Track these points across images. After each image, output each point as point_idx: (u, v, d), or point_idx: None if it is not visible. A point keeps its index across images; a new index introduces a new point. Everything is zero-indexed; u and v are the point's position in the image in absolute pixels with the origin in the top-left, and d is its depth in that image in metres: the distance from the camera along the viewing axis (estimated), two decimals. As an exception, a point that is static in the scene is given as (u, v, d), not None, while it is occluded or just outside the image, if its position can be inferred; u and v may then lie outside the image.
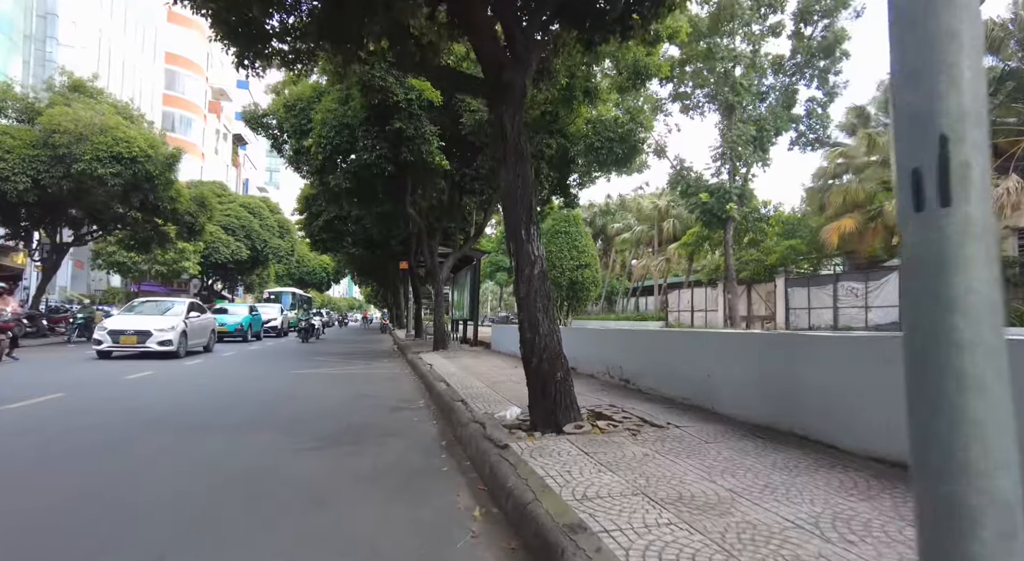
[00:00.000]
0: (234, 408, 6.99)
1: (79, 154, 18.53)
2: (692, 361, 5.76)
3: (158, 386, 9.02)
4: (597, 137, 14.12)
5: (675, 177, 21.71)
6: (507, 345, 13.65)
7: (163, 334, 12.61)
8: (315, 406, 7.27)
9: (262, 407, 7.12)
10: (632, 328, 13.81)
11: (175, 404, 7.25)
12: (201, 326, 14.80)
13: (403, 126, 13.03)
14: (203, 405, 7.19)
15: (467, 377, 8.85)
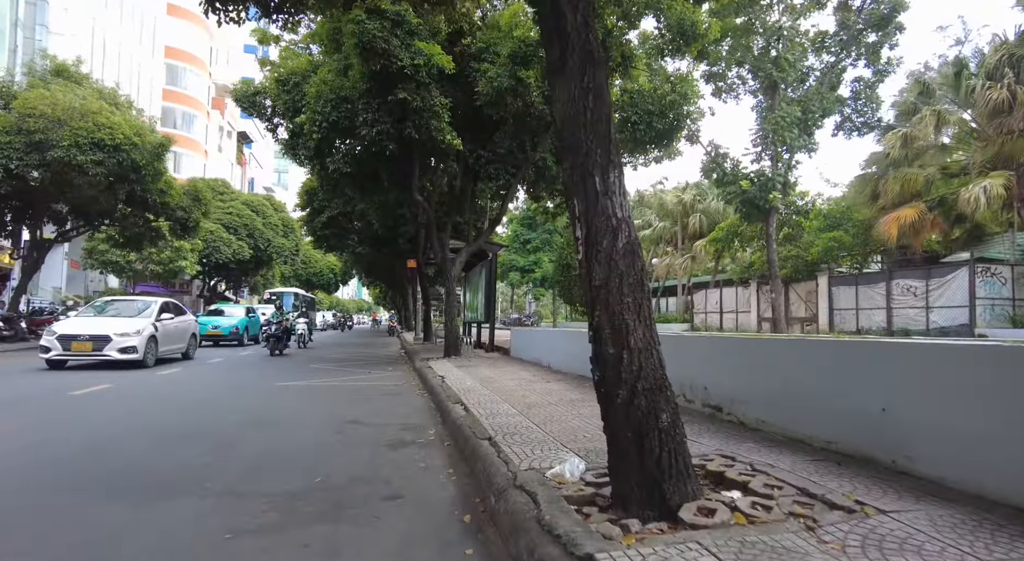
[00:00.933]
0: (176, 445, 5.13)
1: (56, 140, 16.86)
2: (847, 384, 3.80)
3: (101, 407, 7.19)
4: (634, 110, 12.18)
5: (709, 164, 19.72)
6: (530, 351, 11.73)
7: (125, 339, 10.75)
8: (286, 441, 5.40)
9: (215, 443, 5.25)
10: (726, 336, 11.84)
11: (101, 437, 5.41)
12: (177, 330, 12.90)
13: (408, 97, 11.18)
14: (137, 441, 5.33)
15: (490, 396, 6.94)
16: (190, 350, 13.86)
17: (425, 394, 8.48)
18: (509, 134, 13.31)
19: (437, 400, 7.25)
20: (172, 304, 13.34)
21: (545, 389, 7.45)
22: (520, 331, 13.49)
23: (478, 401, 6.46)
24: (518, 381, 8.41)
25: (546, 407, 5.98)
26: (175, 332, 12.79)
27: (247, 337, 20.84)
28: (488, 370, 10.14)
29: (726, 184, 19.42)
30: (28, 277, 20.55)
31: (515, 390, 7.40)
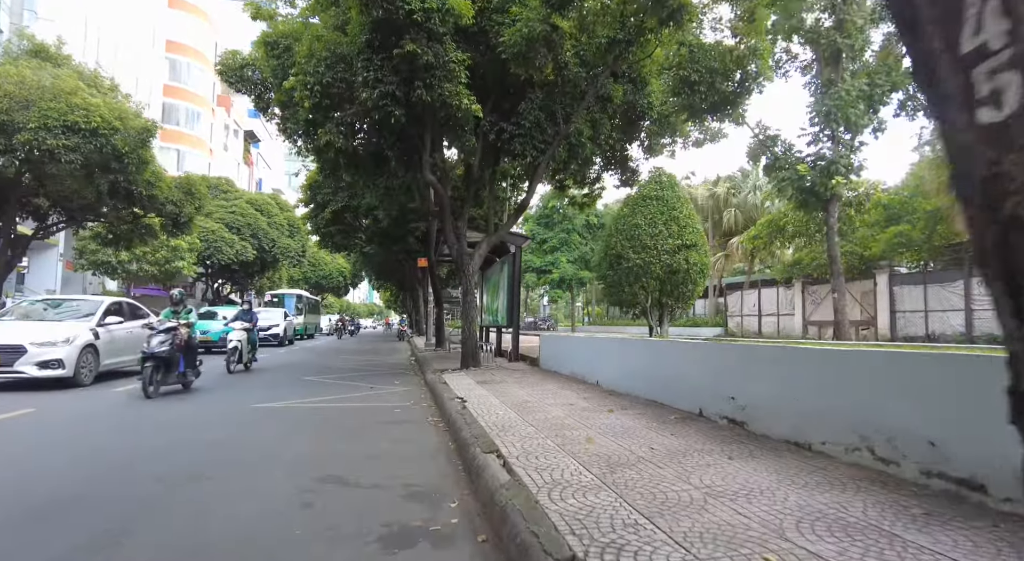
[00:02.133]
0: (42, 524, 3.01)
1: (22, 122, 14.95)
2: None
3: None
4: (695, 67, 9.99)
5: (757, 148, 17.43)
6: (567, 363, 9.53)
7: (46, 351, 8.26)
8: (216, 523, 3.27)
9: (103, 523, 3.15)
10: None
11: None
12: (133, 337, 10.41)
13: (417, 50, 9.07)
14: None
15: (539, 438, 4.77)
16: None
17: (440, 423, 6.32)
18: (537, 103, 11.15)
19: (458, 439, 5.08)
20: (127, 305, 11.02)
21: (613, 426, 5.25)
22: (553, 339, 11.30)
23: (523, 450, 4.27)
24: (566, 408, 6.21)
25: (641, 467, 3.77)
26: (129, 340, 10.24)
27: None
28: (519, 389, 7.95)
29: (778, 170, 17.13)
30: (3, 277, 18.68)
31: (570, 426, 5.20)
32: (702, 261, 9.35)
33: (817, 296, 23.76)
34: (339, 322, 36.51)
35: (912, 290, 19.07)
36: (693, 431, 4.82)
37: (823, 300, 23.32)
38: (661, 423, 5.24)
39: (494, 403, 6.61)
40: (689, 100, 10.30)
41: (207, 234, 32.91)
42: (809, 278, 23.93)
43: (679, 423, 5.20)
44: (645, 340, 7.09)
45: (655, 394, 6.38)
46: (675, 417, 5.48)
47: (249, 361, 12.44)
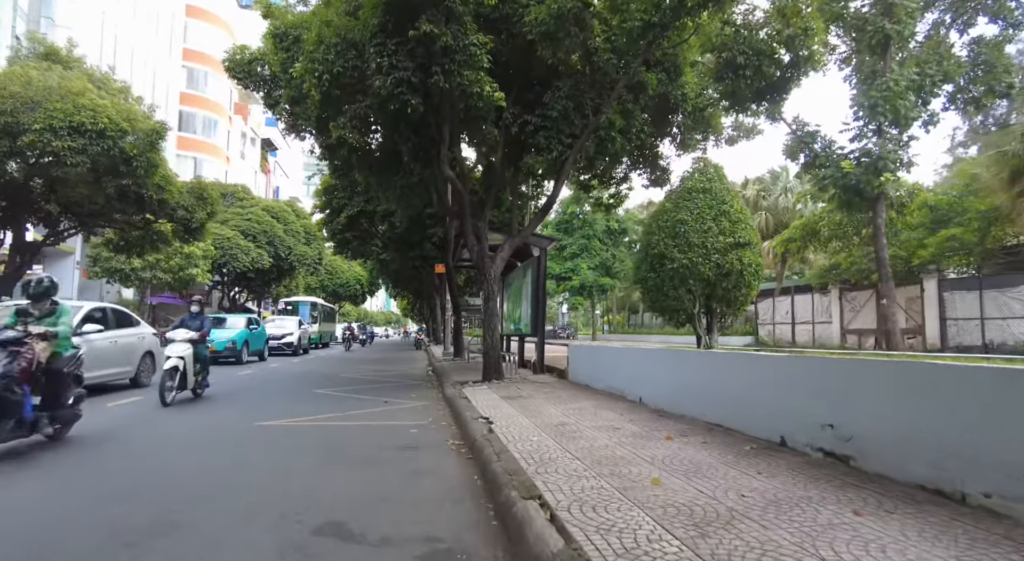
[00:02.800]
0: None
1: (28, 123, 14.42)
2: None
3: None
4: (740, 49, 9.03)
5: (795, 145, 16.34)
6: (601, 377, 8.55)
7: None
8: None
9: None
10: None
11: None
12: (117, 347, 9.42)
13: (434, 30, 8.24)
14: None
15: (588, 476, 3.83)
16: (142, 375, 10.30)
17: (463, 449, 5.39)
18: (565, 92, 10.27)
19: (487, 474, 4.15)
20: (113, 312, 10.02)
21: (678, 459, 4.29)
22: (585, 349, 10.31)
23: (574, 496, 3.33)
24: (612, 433, 5.24)
25: (740, 527, 2.80)
26: (112, 351, 9.28)
27: (247, 353, 17.61)
28: (551, 406, 7.00)
29: (817, 167, 16.02)
30: (10, 284, 18.19)
31: (624, 459, 4.23)
32: (756, 261, 8.33)
33: (856, 303, 22.46)
34: (347, 331, 30.07)
35: (965, 296, 17.76)
36: (784, 468, 3.84)
37: (863, 307, 22.02)
38: (737, 456, 4.26)
39: (525, 425, 5.67)
40: (734, 85, 9.33)
41: (222, 241, 32.47)
42: (847, 284, 22.64)
43: (760, 456, 4.21)
44: (703, 351, 6.11)
45: (717, 416, 5.39)
46: (751, 447, 4.50)
47: (198, 385, 9.09)
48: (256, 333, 18.58)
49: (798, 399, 4.33)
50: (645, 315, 47.11)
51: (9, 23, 23.89)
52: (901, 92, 14.14)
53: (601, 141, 10.91)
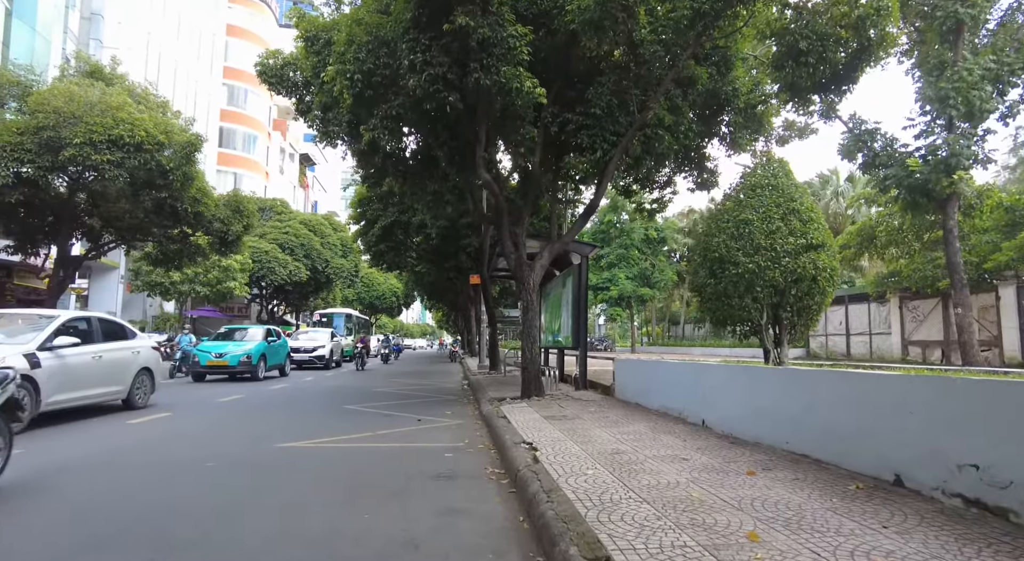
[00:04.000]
0: None
1: (69, 137, 14.53)
2: None
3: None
4: (802, 33, 8.22)
5: (852, 144, 15.23)
6: (654, 394, 7.75)
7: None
8: None
9: None
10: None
11: None
12: (102, 364, 8.15)
13: (470, 23, 7.71)
14: None
15: (659, 521, 3.12)
16: (136, 395, 9.00)
17: (504, 479, 4.71)
18: (609, 87, 9.59)
19: (535, 517, 3.46)
20: (100, 323, 8.66)
21: (771, 502, 3.52)
22: (635, 364, 9.52)
23: (650, 559, 2.60)
24: (680, 465, 4.48)
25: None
26: (95, 368, 8.01)
27: (264, 368, 15.97)
28: (601, 429, 6.25)
29: (876, 167, 14.88)
30: (55, 298, 18.42)
31: (704, 502, 3.47)
32: (832, 265, 7.41)
33: (919, 312, 20.94)
34: (359, 343, 22.29)
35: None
36: (916, 521, 3.03)
37: (928, 317, 20.50)
38: (844, 499, 3.46)
39: (575, 453, 4.95)
40: (794, 74, 8.47)
41: (260, 254, 32.78)
42: (907, 292, 21.15)
43: (875, 501, 3.40)
44: (783, 368, 5.29)
45: (803, 445, 4.57)
46: (857, 487, 3.68)
47: None
48: (275, 346, 17.25)
49: (918, 428, 3.51)
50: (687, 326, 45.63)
51: (60, 44, 24.62)
52: (975, 82, 12.97)
53: (647, 139, 10.19)
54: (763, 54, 11.17)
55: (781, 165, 8.22)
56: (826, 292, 7.38)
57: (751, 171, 8.29)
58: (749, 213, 7.43)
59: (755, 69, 11.40)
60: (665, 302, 49.62)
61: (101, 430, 7.23)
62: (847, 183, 33.95)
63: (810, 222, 7.39)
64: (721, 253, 7.41)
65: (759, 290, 7.11)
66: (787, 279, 7.04)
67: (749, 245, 7.18)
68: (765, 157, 8.56)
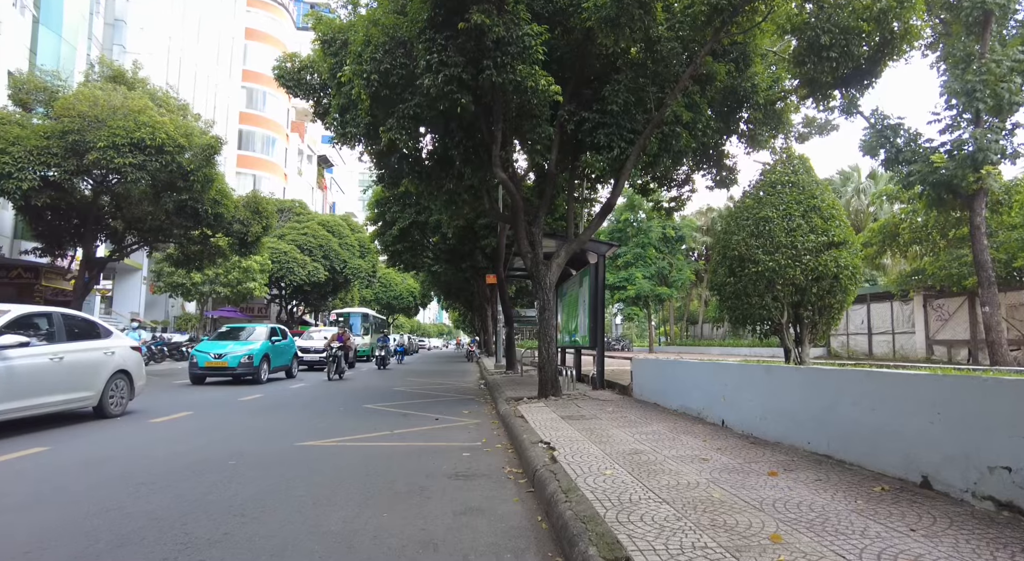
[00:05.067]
0: None
1: (93, 141, 14.83)
2: None
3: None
4: (824, 27, 8.08)
5: (874, 139, 14.96)
6: (674, 395, 7.69)
7: None
8: None
9: None
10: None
11: None
12: (60, 367, 7.10)
13: (486, 21, 7.71)
14: None
15: (679, 522, 3.09)
16: (110, 402, 7.97)
17: (522, 478, 4.69)
18: (625, 86, 9.53)
19: (553, 517, 3.44)
20: (62, 320, 7.51)
21: (794, 503, 3.46)
22: (653, 363, 9.44)
23: (670, 559, 2.57)
24: (700, 465, 4.42)
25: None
26: (54, 371, 6.98)
27: (267, 369, 14.70)
28: (619, 429, 6.20)
29: (900, 163, 14.59)
30: (80, 299, 18.81)
31: (725, 503, 3.43)
32: (854, 263, 7.26)
33: (944, 311, 20.51)
34: (334, 343, 16.38)
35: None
36: (945, 524, 2.95)
37: (953, 315, 20.06)
38: (869, 501, 3.38)
39: (593, 453, 4.92)
40: (815, 70, 8.33)
41: (279, 255, 33.18)
42: (932, 290, 20.72)
43: (901, 503, 3.33)
44: (805, 368, 5.21)
45: (825, 445, 4.49)
46: (882, 489, 3.61)
47: None
48: (280, 346, 15.93)
49: (947, 429, 3.42)
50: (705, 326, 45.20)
51: (84, 50, 25.12)
52: (1004, 75, 12.67)
53: (665, 137, 10.09)
54: (783, 49, 11.01)
55: (801, 162, 8.09)
56: (848, 290, 7.23)
57: (771, 168, 8.17)
58: (769, 210, 7.31)
59: (774, 65, 11.24)
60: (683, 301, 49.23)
61: (124, 428, 7.35)
62: (869, 180, 33.38)
63: (831, 219, 7.26)
64: (740, 251, 7.31)
65: (779, 289, 7.00)
66: (808, 277, 6.92)
67: (769, 243, 7.07)
68: (785, 154, 8.41)
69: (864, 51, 8.37)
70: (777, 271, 6.87)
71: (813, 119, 13.43)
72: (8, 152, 14.53)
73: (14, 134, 14.78)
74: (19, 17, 20.00)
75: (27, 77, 17.05)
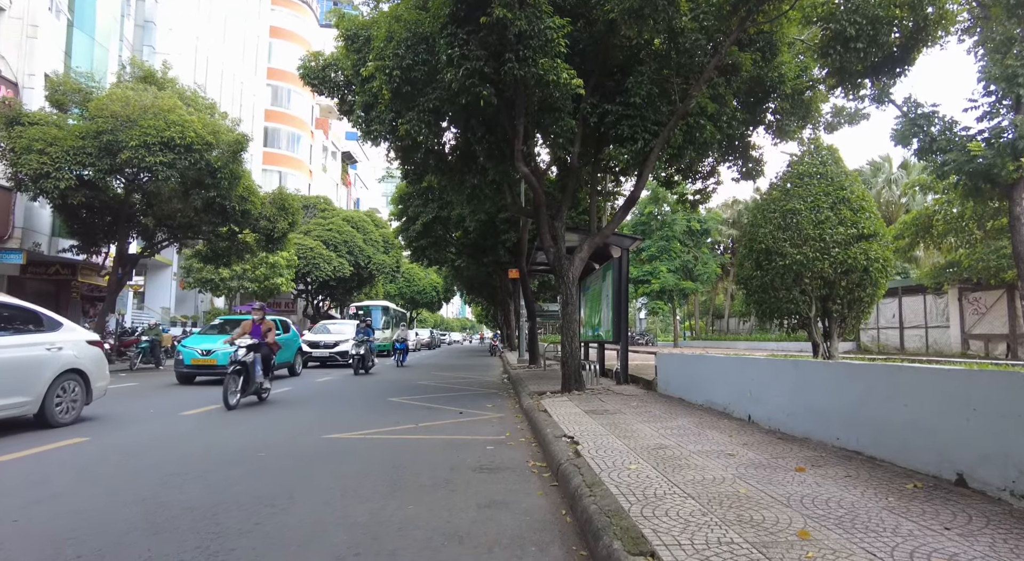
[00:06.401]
0: None
1: (125, 140, 15.22)
2: None
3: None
4: (850, 18, 7.86)
5: (907, 128, 14.53)
6: (699, 389, 7.62)
7: None
8: None
9: None
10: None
11: None
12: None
13: (507, 15, 7.67)
14: None
15: (705, 517, 3.08)
16: (55, 408, 6.68)
17: (545, 474, 4.71)
18: (648, 77, 9.42)
19: (578, 511, 3.45)
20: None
21: (822, 500, 3.42)
22: (676, 358, 9.36)
23: (696, 554, 2.57)
24: (725, 460, 4.38)
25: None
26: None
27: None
28: (643, 424, 6.17)
29: (935, 152, 14.16)
30: (114, 295, 19.37)
31: (752, 499, 3.39)
32: (884, 256, 7.09)
33: (981, 304, 19.92)
34: (239, 343, 9.19)
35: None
36: (981, 523, 2.88)
37: (990, 309, 19.47)
38: (901, 498, 3.31)
39: (617, 448, 4.90)
40: (843, 60, 8.12)
41: (305, 251, 33.65)
42: (968, 283, 20.13)
43: (935, 500, 3.25)
44: (838, 363, 5.12)
45: (855, 441, 4.41)
46: (914, 486, 3.53)
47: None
48: (280, 341, 12.82)
49: (984, 425, 3.33)
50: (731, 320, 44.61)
51: (116, 52, 25.70)
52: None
53: (690, 129, 9.98)
54: (810, 37, 10.75)
55: (830, 152, 7.92)
56: (878, 284, 7.06)
57: (798, 159, 8.01)
58: (797, 202, 7.17)
59: (802, 54, 10.99)
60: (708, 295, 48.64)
61: (156, 422, 7.56)
62: (900, 170, 32.45)
63: (861, 211, 7.09)
64: (767, 244, 7.19)
65: (807, 282, 6.86)
66: (837, 270, 6.77)
67: (797, 235, 6.94)
68: (813, 144, 8.23)
69: (895, 39, 8.12)
70: (805, 264, 6.74)
71: (842, 108, 13.11)
72: (47, 153, 14.98)
73: (52, 135, 15.24)
74: (55, 22, 20.54)
75: (63, 79, 17.52)
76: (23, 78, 18.62)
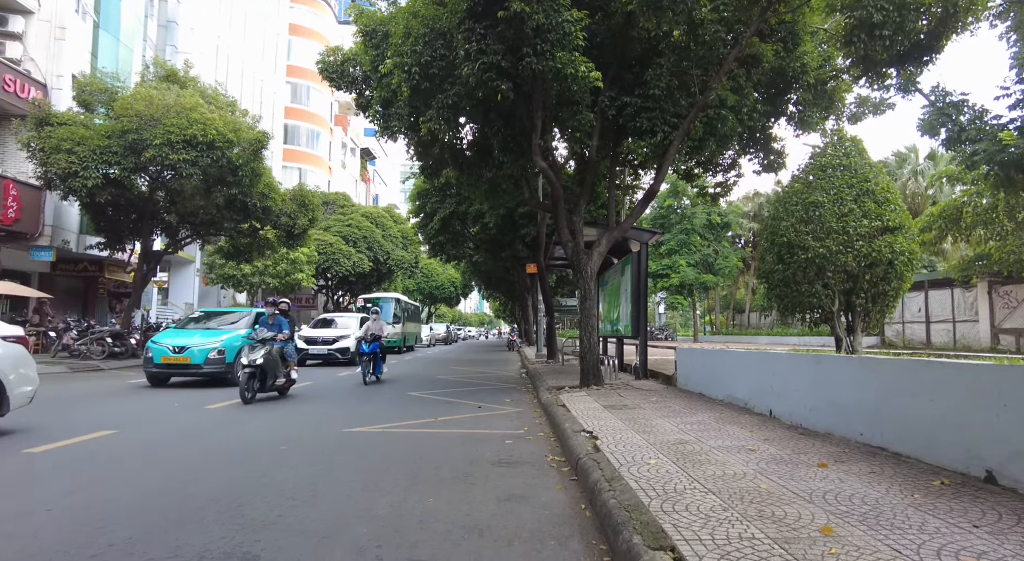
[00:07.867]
0: None
1: (149, 139, 15.49)
2: None
3: None
4: (876, 4, 7.67)
5: (935, 117, 14.15)
6: (720, 385, 7.55)
7: None
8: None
9: None
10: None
11: None
12: None
13: (525, 9, 7.63)
14: None
15: (726, 512, 3.06)
16: None
17: (564, 468, 4.71)
18: (668, 69, 9.32)
19: (597, 505, 3.45)
20: None
21: (845, 496, 3.38)
22: (696, 353, 9.27)
23: (719, 551, 2.55)
24: (746, 456, 4.33)
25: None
26: None
27: None
28: (663, 419, 6.14)
29: (963, 142, 13.78)
30: (139, 290, 19.77)
31: (773, 494, 3.36)
32: (910, 249, 6.93)
33: (1012, 298, 19.42)
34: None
35: None
36: (1010, 520, 2.82)
37: (1022, 303, 18.97)
38: (927, 495, 3.25)
39: (636, 443, 4.88)
40: (867, 49, 7.94)
41: (325, 247, 34.00)
42: (998, 277, 19.61)
43: (963, 498, 3.19)
44: (862, 358, 5.04)
45: (879, 437, 4.34)
46: (941, 483, 3.46)
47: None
48: None
49: (1014, 422, 3.25)
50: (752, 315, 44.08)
51: (140, 52, 26.14)
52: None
53: (710, 121, 9.86)
54: (834, 26, 10.53)
55: (854, 143, 7.75)
56: (904, 277, 6.91)
57: (821, 151, 7.85)
58: (819, 195, 7.03)
59: (825, 43, 10.79)
60: (729, 290, 48.09)
61: (181, 416, 7.71)
62: (927, 161, 31.68)
63: (886, 203, 6.93)
64: (789, 237, 7.07)
65: (830, 275, 6.74)
66: (860, 264, 6.64)
67: (819, 228, 6.81)
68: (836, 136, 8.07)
69: (922, 26, 7.93)
70: (828, 257, 6.62)
71: (867, 98, 12.83)
72: (75, 152, 15.31)
73: (79, 135, 15.56)
74: (81, 23, 20.94)
75: (89, 79, 17.87)
76: (52, 79, 19.02)
